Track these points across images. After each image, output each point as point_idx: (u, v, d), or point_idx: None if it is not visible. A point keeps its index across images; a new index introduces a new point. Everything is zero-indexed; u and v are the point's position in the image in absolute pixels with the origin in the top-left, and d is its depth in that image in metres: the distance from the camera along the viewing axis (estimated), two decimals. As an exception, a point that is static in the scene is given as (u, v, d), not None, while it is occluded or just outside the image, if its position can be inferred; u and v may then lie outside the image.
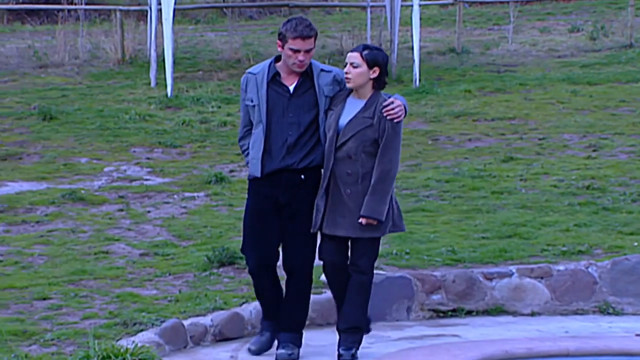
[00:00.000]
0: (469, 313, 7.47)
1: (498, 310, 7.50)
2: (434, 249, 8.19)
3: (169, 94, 14.99)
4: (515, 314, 7.52)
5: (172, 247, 8.61)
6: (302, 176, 6.23)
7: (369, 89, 6.22)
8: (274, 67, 6.27)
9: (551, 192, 10.21)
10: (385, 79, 6.24)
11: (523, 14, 22.97)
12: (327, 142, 6.19)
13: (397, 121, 6.15)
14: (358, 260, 6.23)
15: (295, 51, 6.15)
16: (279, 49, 6.25)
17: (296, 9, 22.26)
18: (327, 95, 6.25)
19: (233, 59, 18.62)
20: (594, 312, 7.57)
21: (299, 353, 6.33)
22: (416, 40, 16.19)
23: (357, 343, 6.30)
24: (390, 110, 6.14)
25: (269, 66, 6.28)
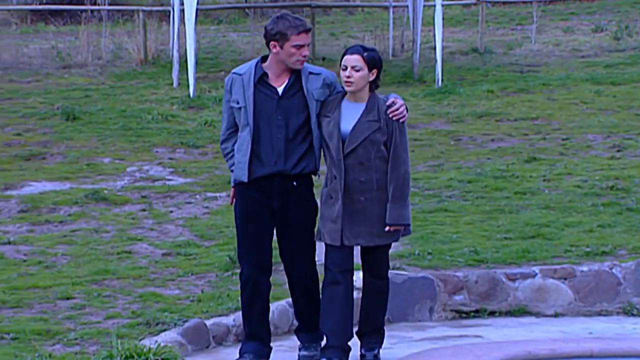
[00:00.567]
0: (492, 314, 7.44)
1: (521, 311, 7.47)
2: (457, 249, 8.17)
3: (191, 94, 15.00)
4: (538, 315, 7.48)
5: (195, 247, 8.62)
6: (295, 182, 6.02)
7: (366, 91, 6.01)
8: (261, 68, 6.00)
9: (575, 193, 10.16)
10: (379, 80, 6.06)
11: (546, 14, 22.88)
12: (334, 152, 5.96)
13: (403, 120, 6.02)
14: (378, 267, 6.17)
15: (300, 47, 5.92)
16: (274, 50, 5.95)
17: (318, 9, 22.23)
18: (318, 100, 6.00)
19: (255, 60, 18.62)
20: (618, 313, 7.52)
21: None
22: (439, 41, 16.14)
23: (379, 343, 6.28)
24: (395, 110, 5.99)
25: (256, 66, 6.00)
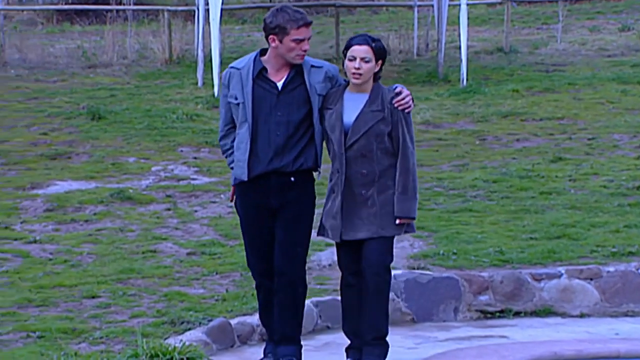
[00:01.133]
0: (517, 314, 7.41)
1: (546, 312, 7.43)
2: (482, 249, 8.14)
3: (215, 94, 15.00)
4: (564, 315, 7.44)
5: (219, 247, 8.63)
6: (292, 179, 5.81)
7: (370, 82, 5.82)
8: (260, 62, 5.77)
9: (601, 193, 10.11)
10: (381, 71, 5.89)
11: (572, 13, 22.77)
12: (336, 145, 5.77)
13: (409, 111, 5.83)
14: (379, 259, 5.76)
15: (300, 41, 5.70)
16: (272, 44, 5.74)
17: (343, 9, 22.22)
18: (320, 94, 5.80)
19: (279, 59, 18.62)
20: (645, 314, 7.48)
21: None
22: (464, 40, 16.10)
23: (383, 357, 5.84)
24: (401, 100, 5.80)
25: (254, 60, 5.78)
